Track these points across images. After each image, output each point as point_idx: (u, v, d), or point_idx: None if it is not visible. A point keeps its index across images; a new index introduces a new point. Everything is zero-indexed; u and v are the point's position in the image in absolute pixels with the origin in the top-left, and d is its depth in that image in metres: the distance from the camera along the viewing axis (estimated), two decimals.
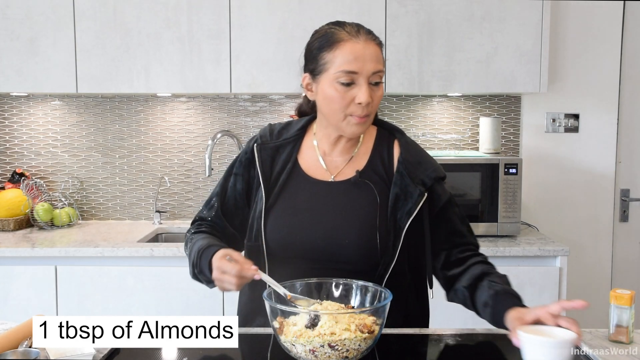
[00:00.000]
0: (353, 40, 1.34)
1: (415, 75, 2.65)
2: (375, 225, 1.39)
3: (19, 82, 2.67)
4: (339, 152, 1.47)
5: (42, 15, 2.63)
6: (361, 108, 1.34)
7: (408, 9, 2.63)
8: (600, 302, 3.02)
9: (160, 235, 2.91)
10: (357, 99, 1.33)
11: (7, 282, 2.46)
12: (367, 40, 1.36)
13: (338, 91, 1.34)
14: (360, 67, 1.33)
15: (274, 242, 1.41)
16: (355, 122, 1.36)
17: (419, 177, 1.43)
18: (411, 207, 1.40)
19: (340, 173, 1.46)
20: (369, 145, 1.49)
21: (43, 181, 3.04)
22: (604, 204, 3.04)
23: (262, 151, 1.46)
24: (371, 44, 1.36)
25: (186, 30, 2.63)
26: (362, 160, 1.47)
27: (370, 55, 1.34)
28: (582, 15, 2.95)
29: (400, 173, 1.43)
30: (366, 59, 1.33)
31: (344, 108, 1.35)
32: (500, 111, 3.01)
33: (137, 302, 2.46)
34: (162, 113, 3.05)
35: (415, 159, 1.47)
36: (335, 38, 1.36)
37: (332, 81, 1.34)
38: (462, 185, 2.62)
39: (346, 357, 1.14)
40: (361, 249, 1.39)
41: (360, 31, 1.37)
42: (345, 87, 1.34)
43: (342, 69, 1.33)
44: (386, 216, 1.40)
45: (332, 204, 1.42)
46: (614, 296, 1.35)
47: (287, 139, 1.48)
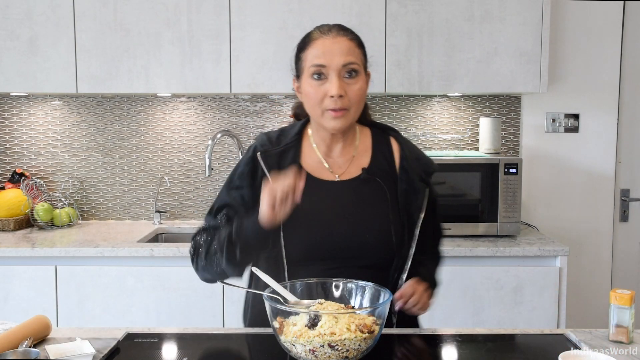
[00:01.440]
0: (323, 37, 1.42)
1: (415, 75, 2.65)
2: (390, 220, 1.43)
3: (19, 82, 2.67)
4: (339, 152, 1.50)
5: (42, 15, 2.63)
6: (334, 101, 1.38)
7: (408, 9, 2.63)
8: (600, 302, 3.03)
9: (160, 235, 2.91)
10: (329, 91, 1.38)
11: (7, 282, 2.46)
12: (338, 36, 1.41)
13: (312, 86, 1.40)
14: (329, 60, 1.39)
15: (292, 246, 1.41)
16: (331, 117, 1.40)
17: (419, 173, 1.48)
18: (420, 202, 1.46)
19: (345, 172, 1.49)
20: (367, 144, 1.53)
21: (43, 181, 3.04)
22: (604, 204, 3.04)
23: (267, 159, 1.47)
24: (341, 39, 1.41)
25: (186, 30, 2.63)
26: (364, 159, 1.50)
27: (340, 49, 1.40)
28: (582, 15, 2.96)
29: (404, 169, 1.48)
30: (335, 53, 1.39)
31: (320, 102, 1.40)
32: (500, 111, 3.01)
33: (137, 302, 2.46)
34: (162, 113, 3.05)
35: (414, 155, 1.52)
36: (309, 38, 1.44)
37: (307, 78, 1.41)
38: (462, 185, 2.62)
39: (346, 357, 1.14)
40: (380, 245, 1.42)
41: (332, 29, 1.43)
42: (318, 81, 1.40)
43: (312, 63, 1.40)
44: (398, 211, 1.45)
45: (345, 203, 1.45)
46: (614, 296, 1.35)
47: (288, 144, 1.49)
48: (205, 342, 1.43)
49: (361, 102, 1.45)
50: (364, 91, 1.44)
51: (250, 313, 1.55)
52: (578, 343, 1.36)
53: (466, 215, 2.60)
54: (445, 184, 2.62)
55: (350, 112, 1.41)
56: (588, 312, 3.05)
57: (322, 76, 1.40)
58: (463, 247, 2.43)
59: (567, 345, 1.36)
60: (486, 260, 2.45)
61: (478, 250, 2.42)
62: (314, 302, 1.26)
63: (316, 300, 1.27)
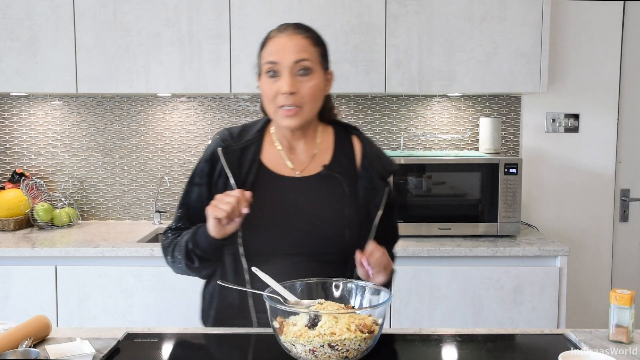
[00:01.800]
0: (278, 36, 1.44)
1: (415, 75, 2.66)
2: (346, 217, 1.45)
3: (19, 82, 2.67)
4: (301, 149, 1.52)
5: (42, 15, 2.63)
6: (285, 97, 1.39)
7: (408, 9, 2.63)
8: (600, 302, 3.04)
9: (160, 235, 2.91)
10: (280, 88, 1.40)
11: (7, 282, 2.46)
12: (292, 34, 1.43)
13: (266, 84, 1.43)
14: (281, 58, 1.41)
15: (251, 241, 1.43)
16: (284, 114, 1.42)
17: (379, 171, 1.50)
18: (379, 200, 1.47)
19: (306, 169, 1.51)
20: (329, 142, 1.55)
21: (43, 181, 3.04)
22: (604, 204, 3.04)
23: (228, 154, 1.48)
24: (296, 37, 1.43)
25: (186, 30, 2.63)
26: (326, 156, 1.52)
27: (292, 47, 1.41)
28: (582, 15, 2.96)
29: (365, 167, 1.50)
30: (287, 50, 1.41)
31: (273, 100, 1.42)
32: (500, 111, 3.01)
33: (137, 302, 2.46)
34: (162, 113, 3.05)
35: (375, 153, 1.54)
36: (267, 36, 1.47)
37: (263, 75, 1.44)
38: (462, 185, 2.62)
39: (346, 357, 1.14)
40: (337, 240, 1.44)
41: (289, 27, 1.45)
42: (272, 78, 1.42)
43: (266, 60, 1.43)
44: (357, 208, 1.46)
45: (304, 199, 1.47)
46: (614, 296, 1.35)
47: (250, 140, 1.51)
48: (205, 342, 1.43)
49: (316, 100, 1.45)
50: (319, 89, 1.44)
51: (214, 310, 1.55)
52: (578, 343, 1.36)
53: (466, 215, 2.60)
54: (445, 184, 2.62)
55: (303, 110, 1.42)
56: (588, 312, 3.05)
57: (276, 74, 1.41)
58: (463, 247, 2.43)
59: (567, 345, 1.36)
60: (486, 260, 2.45)
61: (478, 250, 2.42)
62: (314, 302, 1.26)
63: (316, 300, 1.28)
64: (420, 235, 2.60)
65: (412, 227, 2.59)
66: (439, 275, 2.43)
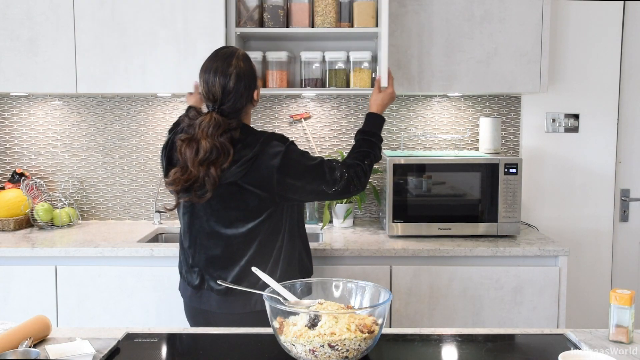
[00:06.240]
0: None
1: (415, 75, 2.66)
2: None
3: (19, 82, 2.67)
4: None
5: (42, 15, 2.63)
6: None
7: (408, 9, 2.63)
8: (600, 302, 3.04)
9: (160, 235, 2.91)
10: None
11: (7, 282, 2.46)
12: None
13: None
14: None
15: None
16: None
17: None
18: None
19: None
20: None
21: (43, 181, 3.04)
22: (604, 204, 3.04)
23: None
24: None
25: (182, 28, 2.61)
26: None
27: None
28: (582, 15, 2.96)
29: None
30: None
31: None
32: (500, 111, 3.01)
33: (137, 302, 2.46)
34: (162, 113, 3.05)
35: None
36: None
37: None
38: (462, 185, 2.62)
39: (346, 357, 1.14)
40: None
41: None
42: None
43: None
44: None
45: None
46: (614, 296, 1.35)
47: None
48: (205, 342, 1.43)
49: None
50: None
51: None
52: (578, 343, 1.36)
53: (466, 215, 2.60)
54: (445, 184, 2.62)
55: None
56: (588, 312, 3.05)
57: None
58: (463, 247, 2.43)
59: (567, 345, 1.37)
60: (486, 260, 2.45)
61: (478, 250, 2.42)
62: (314, 302, 1.26)
63: (316, 300, 1.28)
64: (420, 235, 2.60)
65: (412, 227, 2.59)
66: (439, 275, 2.43)
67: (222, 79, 1.79)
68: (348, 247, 2.42)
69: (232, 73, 1.80)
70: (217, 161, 1.72)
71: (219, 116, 1.77)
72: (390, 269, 2.43)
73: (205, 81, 1.81)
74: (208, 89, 1.80)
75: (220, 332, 1.48)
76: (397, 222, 2.59)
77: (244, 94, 1.82)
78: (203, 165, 1.72)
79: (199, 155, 1.73)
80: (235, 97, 1.81)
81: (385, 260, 2.44)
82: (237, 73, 1.80)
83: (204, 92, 1.82)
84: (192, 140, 1.75)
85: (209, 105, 1.83)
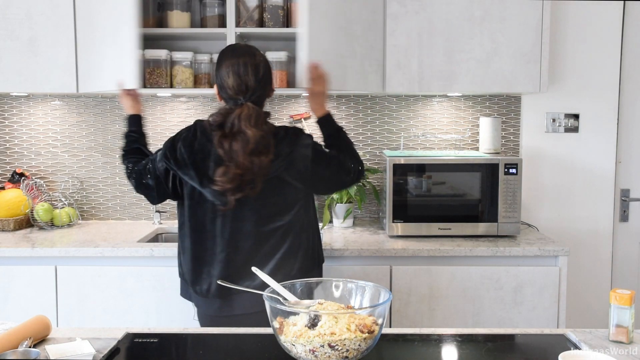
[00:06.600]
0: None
1: (415, 75, 2.65)
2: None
3: (19, 82, 2.67)
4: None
5: (42, 15, 2.63)
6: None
7: (408, 9, 2.63)
8: (600, 302, 3.04)
9: (160, 235, 2.91)
10: None
11: (7, 282, 2.46)
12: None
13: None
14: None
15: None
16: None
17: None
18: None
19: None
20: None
21: (43, 181, 3.04)
22: (604, 204, 3.04)
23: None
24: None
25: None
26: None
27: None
28: (582, 15, 2.96)
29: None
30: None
31: None
32: (500, 111, 3.01)
33: (137, 302, 2.46)
34: (162, 113, 3.05)
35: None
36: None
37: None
38: (462, 185, 2.62)
39: (346, 357, 1.14)
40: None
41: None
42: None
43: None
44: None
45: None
46: (614, 296, 1.35)
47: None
48: (205, 342, 1.43)
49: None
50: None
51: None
52: (578, 343, 1.36)
53: (466, 215, 2.60)
54: (445, 184, 2.62)
55: None
56: (588, 312, 3.05)
57: None
58: (463, 247, 2.43)
59: (567, 345, 1.37)
60: (486, 260, 2.45)
61: (478, 250, 2.42)
62: (314, 302, 1.26)
63: (316, 300, 1.28)
64: (420, 235, 2.60)
65: (412, 227, 2.59)
66: (439, 275, 2.43)
67: (253, 69, 1.83)
68: (348, 247, 2.42)
69: (261, 63, 1.85)
70: (264, 150, 1.75)
71: (255, 106, 1.80)
72: (390, 269, 2.43)
73: (236, 73, 1.82)
74: (240, 81, 1.82)
75: (221, 332, 1.48)
76: (397, 222, 2.59)
77: (268, 84, 1.89)
78: (254, 155, 1.73)
79: (249, 145, 1.73)
80: (264, 87, 1.87)
81: (385, 260, 2.44)
82: (264, 64, 1.87)
83: (233, 86, 1.82)
84: (238, 133, 1.75)
85: (237, 98, 1.83)
